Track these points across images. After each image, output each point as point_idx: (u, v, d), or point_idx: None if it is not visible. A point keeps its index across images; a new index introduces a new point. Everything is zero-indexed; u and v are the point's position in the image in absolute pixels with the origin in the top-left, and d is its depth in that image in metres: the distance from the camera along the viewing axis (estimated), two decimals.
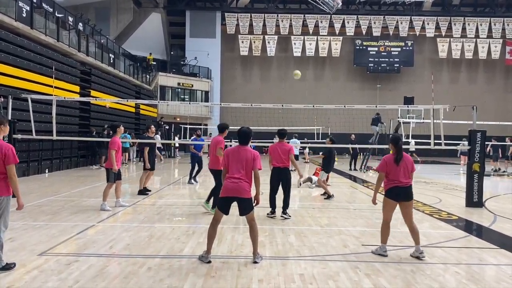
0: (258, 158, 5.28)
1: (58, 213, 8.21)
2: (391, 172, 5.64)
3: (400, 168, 5.62)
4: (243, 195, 5.16)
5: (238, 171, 5.19)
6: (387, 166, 5.66)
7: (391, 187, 5.63)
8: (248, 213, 5.23)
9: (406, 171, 5.66)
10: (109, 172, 8.77)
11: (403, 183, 5.60)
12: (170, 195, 11.27)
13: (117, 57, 25.96)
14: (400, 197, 5.62)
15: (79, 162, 19.56)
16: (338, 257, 5.61)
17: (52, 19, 18.20)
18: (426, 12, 37.98)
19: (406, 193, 5.63)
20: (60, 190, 11.52)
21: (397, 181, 5.60)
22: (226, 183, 5.23)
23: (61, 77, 17.51)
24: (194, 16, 38.23)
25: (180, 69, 37.10)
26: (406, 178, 5.64)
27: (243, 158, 5.24)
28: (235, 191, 5.16)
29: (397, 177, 5.59)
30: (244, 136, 5.41)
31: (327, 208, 9.48)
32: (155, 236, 6.53)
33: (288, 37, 37.94)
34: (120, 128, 9.19)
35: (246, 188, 5.19)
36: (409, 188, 5.65)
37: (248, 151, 5.31)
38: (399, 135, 6.06)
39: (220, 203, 5.29)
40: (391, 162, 5.66)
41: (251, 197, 5.24)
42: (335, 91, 38.64)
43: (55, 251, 5.62)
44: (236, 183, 5.16)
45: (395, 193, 5.61)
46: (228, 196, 5.20)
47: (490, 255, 5.92)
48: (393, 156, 5.70)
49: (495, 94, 39.00)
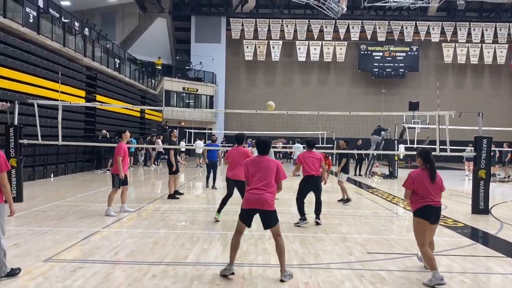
0: (282, 168, 5.06)
1: (63, 219, 8.24)
2: (420, 189, 5.04)
3: (432, 186, 5.04)
4: (266, 207, 4.92)
5: (260, 182, 4.95)
6: (415, 184, 5.07)
7: (422, 206, 5.01)
8: (273, 227, 4.97)
9: (437, 189, 5.09)
10: (114, 178, 8.80)
11: (435, 202, 5.02)
12: (175, 200, 11.26)
13: (123, 62, 26.10)
14: (432, 218, 5.04)
15: (84, 166, 19.64)
16: (343, 265, 5.59)
17: (59, 24, 18.34)
18: (431, 17, 37.92)
19: (438, 213, 5.10)
20: (65, 195, 11.56)
21: (428, 199, 5.00)
22: (248, 194, 5.00)
23: (67, 82, 17.62)
24: (199, 21, 38.38)
25: (185, 73, 37.25)
26: (437, 196, 5.08)
27: (264, 168, 5.02)
28: (257, 203, 4.93)
29: (428, 195, 5.01)
30: (264, 146, 5.17)
31: (332, 215, 9.45)
32: (159, 242, 6.54)
33: (292, 42, 38.00)
34: (126, 134, 9.22)
35: (269, 199, 4.93)
36: (440, 208, 5.13)
37: (271, 161, 5.12)
38: (429, 149, 5.44)
39: (243, 214, 5.06)
40: (421, 178, 5.06)
41: (275, 209, 4.99)
42: (340, 96, 38.61)
43: (60, 257, 5.64)
44: (259, 195, 4.92)
45: (428, 212, 5.00)
46: (251, 208, 4.98)
47: (496, 263, 5.87)
48: (425, 172, 5.10)
49: (500, 99, 38.81)
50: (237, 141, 8.28)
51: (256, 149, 5.23)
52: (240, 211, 5.13)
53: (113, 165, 9.01)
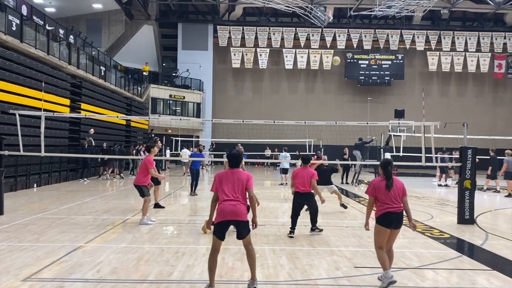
0: (251, 179, 5.14)
1: (45, 233, 8.04)
2: (380, 196, 5.33)
3: (391, 193, 5.32)
4: (242, 218, 4.98)
5: (232, 193, 5.00)
6: (375, 191, 5.37)
7: (383, 213, 5.30)
8: (245, 237, 5.06)
9: (397, 196, 5.34)
10: (142, 189, 9.22)
11: (395, 208, 5.28)
12: (161, 211, 11.11)
13: (108, 70, 25.85)
14: (393, 224, 5.30)
15: (68, 175, 19.32)
16: (330, 281, 5.53)
17: (43, 32, 18.09)
18: (416, 25, 38.44)
19: (399, 218, 5.31)
20: (48, 207, 11.32)
21: (387, 205, 5.28)
22: (222, 206, 4.98)
23: (51, 90, 17.37)
24: (186, 29, 38.32)
25: (172, 81, 37.06)
26: (398, 202, 5.33)
27: (236, 180, 5.08)
28: (231, 214, 4.94)
29: (388, 201, 5.29)
30: (235, 159, 5.28)
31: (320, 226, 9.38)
32: (143, 258, 6.40)
33: (280, 50, 38.15)
34: (155, 149, 9.96)
35: (243, 210, 5.01)
36: (401, 214, 5.35)
37: (241, 173, 5.18)
38: (390, 159, 5.75)
39: (217, 229, 5.01)
40: (380, 186, 5.35)
41: (248, 220, 5.09)
42: (327, 104, 38.82)
43: (40, 276, 5.47)
44: (234, 205, 4.96)
45: (388, 218, 5.27)
46: (225, 220, 4.98)
47: (482, 277, 5.87)
48: (383, 181, 5.39)
49: (484, 107, 39.43)
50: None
51: (228, 163, 5.30)
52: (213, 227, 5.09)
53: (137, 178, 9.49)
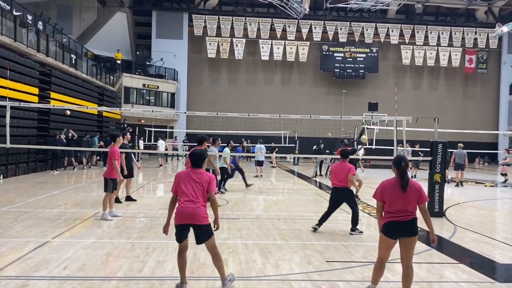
0: (214, 181, 4.82)
1: (10, 227, 7.77)
2: (387, 201, 4.60)
3: (403, 197, 4.54)
4: (201, 222, 4.68)
5: (192, 195, 4.69)
6: (383, 194, 4.63)
7: (386, 222, 4.61)
8: (207, 241, 4.76)
9: (408, 201, 4.54)
10: (108, 182, 8.81)
11: (400, 217, 4.52)
12: (132, 204, 10.91)
13: (80, 58, 25.15)
14: (398, 234, 4.58)
15: (37, 166, 18.80)
16: (302, 276, 5.53)
17: (10, 17, 17.39)
18: (390, 19, 38.89)
19: (407, 227, 4.54)
20: (14, 200, 10.96)
21: (392, 214, 4.55)
22: (181, 208, 4.68)
23: (18, 78, 16.76)
24: (161, 17, 37.62)
25: (145, 70, 36.40)
26: (408, 209, 4.53)
27: (197, 180, 4.75)
28: (190, 217, 4.66)
29: (394, 209, 4.55)
30: (197, 159, 4.90)
31: (293, 219, 9.42)
32: (113, 254, 6.26)
33: (256, 41, 37.95)
34: (120, 138, 9.49)
35: (203, 213, 4.69)
36: (411, 222, 4.54)
37: (203, 174, 4.85)
38: (402, 155, 4.82)
39: (176, 231, 4.75)
40: (389, 188, 4.60)
41: (209, 223, 4.75)
42: (302, 95, 38.96)
43: (3, 274, 5.27)
44: (192, 209, 4.65)
45: (391, 229, 4.58)
46: (183, 224, 4.69)
47: (450, 271, 5.99)
48: (396, 181, 4.61)
49: (454, 101, 40.40)
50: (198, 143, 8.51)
51: (190, 162, 4.93)
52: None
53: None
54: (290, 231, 8.23)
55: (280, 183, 15.30)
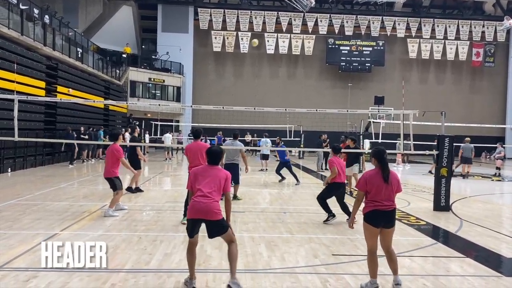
0: (229, 179, 4.84)
1: (18, 220, 7.85)
2: (372, 191, 4.83)
3: (386, 187, 4.82)
4: (214, 217, 4.66)
5: (207, 190, 4.69)
6: (367, 185, 4.85)
7: (371, 210, 4.82)
8: (221, 235, 4.75)
9: (391, 191, 4.86)
10: (114, 181, 8.59)
11: (385, 206, 4.79)
12: (140, 197, 10.99)
13: (86, 51, 25.21)
14: (381, 223, 4.81)
15: (44, 160, 18.93)
16: (308, 269, 5.55)
17: (16, 11, 17.44)
18: (397, 12, 38.57)
19: (389, 217, 4.83)
20: (22, 193, 11.07)
21: (377, 203, 4.79)
22: (194, 203, 4.69)
23: (25, 72, 16.85)
24: (166, 10, 37.53)
25: (151, 64, 36.39)
26: (390, 199, 4.84)
27: (213, 175, 4.78)
28: (203, 212, 4.64)
29: (379, 198, 4.80)
30: (215, 156, 4.94)
31: (299, 213, 9.45)
32: (120, 246, 6.32)
33: (261, 34, 37.76)
34: (121, 136, 9.47)
35: (216, 209, 4.67)
36: (392, 212, 4.85)
37: (221, 170, 4.89)
38: (383, 148, 5.08)
39: (188, 225, 4.78)
40: (374, 179, 4.84)
41: (222, 217, 4.73)
42: (308, 89, 38.82)
43: (13, 265, 5.35)
44: (205, 204, 4.64)
45: (375, 217, 4.79)
46: (196, 218, 4.70)
47: (456, 264, 6.00)
48: (378, 172, 4.87)
49: (461, 94, 40.08)
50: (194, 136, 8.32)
51: (207, 159, 4.96)
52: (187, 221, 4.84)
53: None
54: (296, 224, 8.26)
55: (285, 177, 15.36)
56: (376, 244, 4.86)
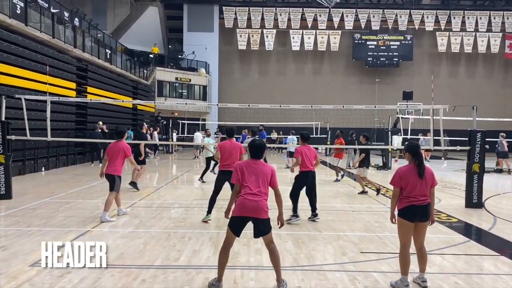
0: (276, 175, 4.77)
1: (52, 217, 8.10)
2: (407, 187, 4.78)
3: (421, 183, 4.78)
4: (262, 216, 4.59)
5: (256, 187, 4.61)
6: (402, 181, 4.80)
7: (406, 206, 4.79)
8: (265, 235, 4.67)
9: (426, 186, 4.81)
10: (115, 180, 7.97)
11: (420, 201, 4.76)
12: (168, 195, 11.16)
13: (114, 52, 25.72)
14: (417, 217, 4.79)
15: (76, 159, 19.44)
16: (336, 267, 5.52)
17: (47, 15, 17.96)
18: (425, 5, 37.70)
19: (424, 211, 4.79)
20: (55, 191, 11.40)
21: (413, 198, 4.76)
22: (242, 200, 4.59)
23: (56, 74, 17.34)
24: (192, 10, 37.88)
25: (177, 63, 36.84)
26: (425, 194, 4.80)
27: (260, 173, 4.69)
28: (253, 211, 4.56)
29: (414, 193, 4.76)
30: (259, 150, 4.84)
31: (326, 210, 9.37)
32: (150, 243, 6.43)
33: (286, 31, 37.66)
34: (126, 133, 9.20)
35: (265, 207, 4.61)
36: (427, 207, 4.80)
37: (266, 166, 4.79)
38: (417, 143, 5.03)
39: (233, 223, 4.65)
40: (408, 175, 4.79)
41: (268, 217, 4.66)
42: (334, 85, 38.46)
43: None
44: (256, 202, 4.56)
45: (411, 212, 4.76)
46: (244, 216, 4.62)
47: (490, 262, 5.83)
48: (413, 167, 4.83)
49: (493, 88, 38.83)
50: (228, 135, 8.21)
51: (250, 153, 4.88)
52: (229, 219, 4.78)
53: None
54: (324, 222, 8.20)
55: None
56: (410, 240, 4.83)
